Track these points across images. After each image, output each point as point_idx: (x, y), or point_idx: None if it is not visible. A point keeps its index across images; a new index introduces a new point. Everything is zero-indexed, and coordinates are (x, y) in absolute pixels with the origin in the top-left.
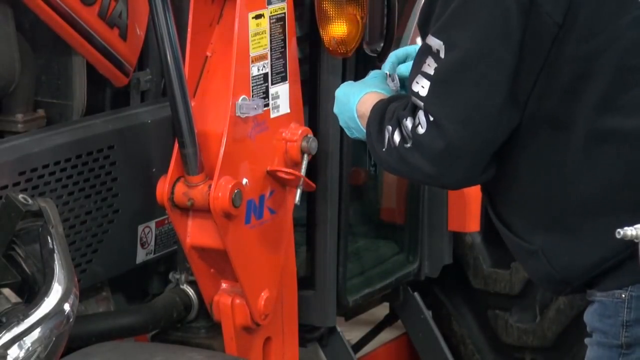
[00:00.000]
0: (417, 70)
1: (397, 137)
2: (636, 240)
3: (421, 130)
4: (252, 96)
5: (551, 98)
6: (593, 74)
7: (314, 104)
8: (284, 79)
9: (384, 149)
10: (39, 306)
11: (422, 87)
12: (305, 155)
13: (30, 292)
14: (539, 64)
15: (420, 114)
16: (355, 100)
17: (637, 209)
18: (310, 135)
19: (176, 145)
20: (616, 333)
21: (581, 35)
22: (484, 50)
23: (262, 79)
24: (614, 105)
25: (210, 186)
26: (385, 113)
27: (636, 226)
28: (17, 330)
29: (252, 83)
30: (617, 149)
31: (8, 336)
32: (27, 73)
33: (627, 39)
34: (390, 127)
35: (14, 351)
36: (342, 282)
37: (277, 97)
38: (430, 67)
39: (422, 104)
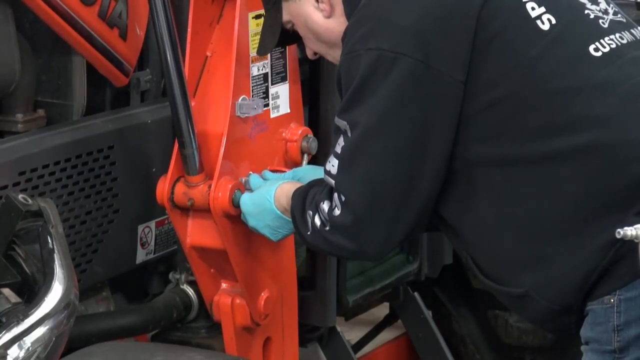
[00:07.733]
0: (331, 150)
1: (317, 221)
2: (636, 240)
3: (337, 212)
4: (252, 96)
5: (489, 142)
6: (521, 108)
7: (314, 104)
8: (284, 79)
9: (309, 233)
10: (39, 306)
11: (332, 165)
12: (305, 155)
13: (30, 292)
14: (454, 120)
15: (335, 197)
16: (270, 200)
17: (605, 216)
18: (310, 135)
19: (176, 145)
20: (608, 339)
21: (492, 80)
22: (381, 123)
23: (262, 79)
24: (555, 128)
25: (210, 186)
26: (306, 197)
27: (636, 226)
28: (17, 330)
29: (252, 83)
30: (570, 167)
31: (8, 336)
32: (27, 73)
33: (543, 66)
34: (310, 212)
35: (14, 351)
36: (342, 282)
37: (277, 97)
38: (339, 145)
39: (333, 182)
